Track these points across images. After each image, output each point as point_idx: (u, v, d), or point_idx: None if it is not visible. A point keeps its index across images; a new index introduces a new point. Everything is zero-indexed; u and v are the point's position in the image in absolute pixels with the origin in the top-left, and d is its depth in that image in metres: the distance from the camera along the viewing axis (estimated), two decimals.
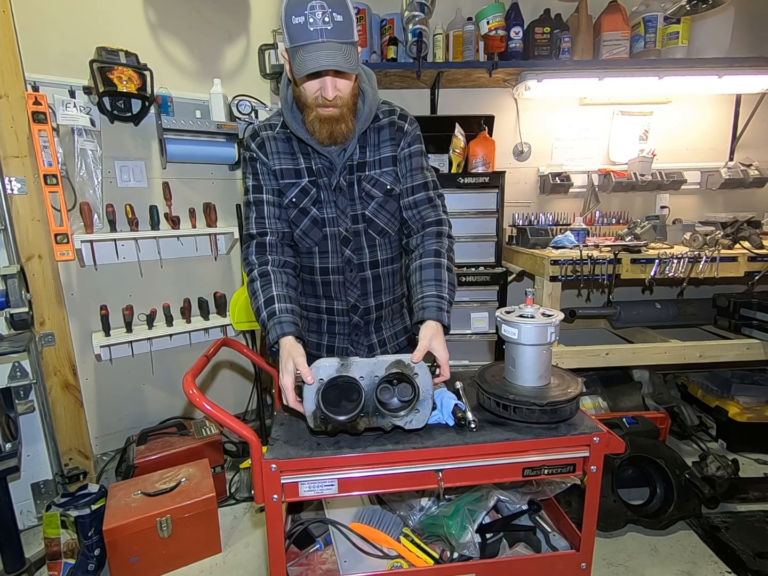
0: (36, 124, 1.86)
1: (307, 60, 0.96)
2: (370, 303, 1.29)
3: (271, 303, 1.13)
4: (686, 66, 2.39)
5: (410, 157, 1.23)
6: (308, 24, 0.94)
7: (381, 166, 1.21)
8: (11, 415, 1.79)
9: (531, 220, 2.67)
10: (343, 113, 1.08)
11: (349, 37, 0.98)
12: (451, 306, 1.14)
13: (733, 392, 2.46)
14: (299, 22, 0.94)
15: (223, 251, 2.57)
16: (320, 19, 0.93)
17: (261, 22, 2.49)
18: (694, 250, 2.05)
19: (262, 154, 1.19)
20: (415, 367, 1.00)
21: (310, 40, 0.95)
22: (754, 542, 1.72)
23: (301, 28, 0.94)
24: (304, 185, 1.19)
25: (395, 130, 1.21)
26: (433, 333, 1.06)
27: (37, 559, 1.77)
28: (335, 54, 0.96)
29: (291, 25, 0.95)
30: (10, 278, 1.74)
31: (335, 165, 1.18)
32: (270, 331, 1.11)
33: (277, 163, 1.19)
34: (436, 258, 1.18)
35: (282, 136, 1.19)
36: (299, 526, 1.21)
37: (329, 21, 0.94)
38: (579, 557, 1.08)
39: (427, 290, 1.13)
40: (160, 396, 2.46)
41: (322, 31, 0.94)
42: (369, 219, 1.23)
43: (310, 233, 1.22)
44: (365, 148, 1.21)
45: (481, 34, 2.37)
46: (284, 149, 1.19)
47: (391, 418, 0.99)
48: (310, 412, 0.98)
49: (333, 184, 1.19)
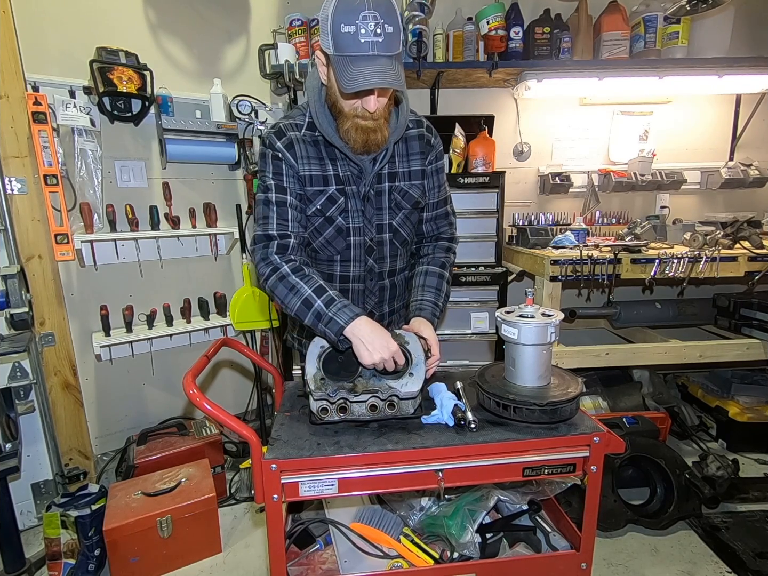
0: (36, 124, 1.86)
1: (357, 75, 0.92)
2: (384, 310, 1.33)
3: (323, 291, 1.07)
4: (686, 66, 2.39)
5: (437, 173, 1.27)
6: (359, 35, 0.90)
7: (411, 179, 1.22)
8: (11, 415, 1.80)
9: (531, 220, 2.67)
10: (380, 124, 1.07)
11: (397, 48, 0.95)
12: (442, 314, 1.27)
13: (733, 392, 2.46)
14: (349, 32, 0.90)
15: (223, 251, 2.57)
16: (372, 31, 0.90)
17: (261, 22, 2.49)
18: (694, 250, 2.05)
19: (291, 156, 1.13)
20: (405, 335, 1.11)
21: (361, 52, 0.91)
22: (755, 542, 1.72)
23: (350, 38, 0.90)
24: (332, 193, 1.16)
25: (425, 144, 1.22)
26: (422, 322, 1.17)
27: (37, 559, 1.77)
28: (387, 71, 0.92)
29: (339, 33, 0.91)
30: (10, 278, 1.74)
31: (365, 173, 1.16)
32: (335, 317, 1.03)
33: (306, 169, 1.14)
34: (441, 269, 1.29)
35: (309, 138, 1.15)
36: (299, 525, 1.22)
37: (381, 33, 0.90)
38: (579, 557, 1.08)
39: (427, 296, 1.24)
40: (160, 396, 2.46)
41: (373, 43, 0.90)
42: (395, 229, 1.24)
43: (334, 242, 1.20)
44: (394, 157, 1.20)
45: (481, 34, 2.37)
46: (313, 154, 1.15)
47: (387, 381, 1.05)
48: (311, 374, 1.05)
49: (362, 192, 1.17)
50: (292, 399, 1.25)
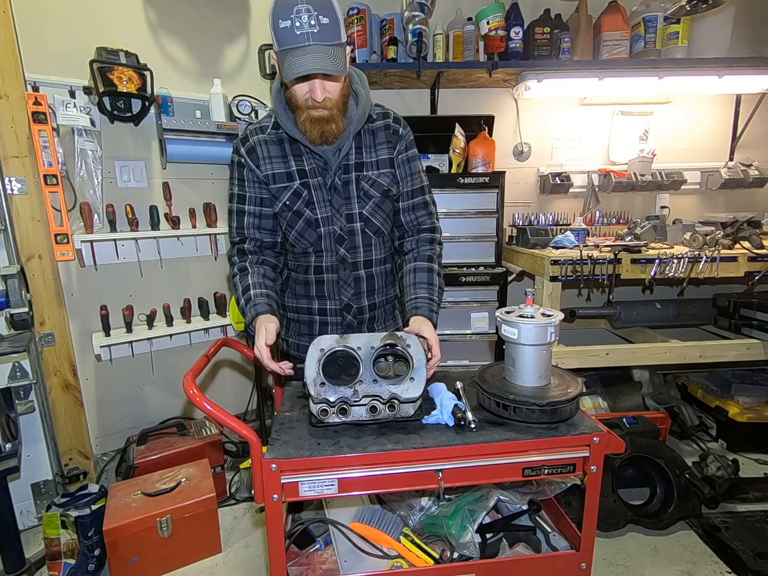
0: (36, 124, 1.86)
1: (294, 64, 0.97)
2: (363, 303, 1.33)
3: (247, 290, 1.20)
4: (686, 66, 2.39)
5: (408, 162, 1.27)
6: (294, 28, 0.95)
7: (379, 167, 1.24)
8: (11, 415, 1.80)
9: (531, 220, 2.67)
10: (333, 114, 1.10)
11: (337, 38, 0.99)
12: (439, 307, 1.25)
13: (733, 392, 2.46)
14: (286, 26, 0.95)
15: (223, 251, 2.57)
16: (306, 23, 0.94)
17: (261, 22, 2.49)
18: (694, 250, 2.05)
19: (251, 161, 1.20)
20: (407, 338, 1.07)
21: (297, 43, 0.96)
22: (755, 542, 1.72)
23: (287, 32, 0.96)
24: (296, 188, 1.21)
25: (391, 133, 1.24)
26: (422, 321, 1.16)
27: (37, 559, 1.77)
28: (322, 57, 0.97)
29: (278, 29, 0.96)
30: (10, 278, 1.74)
31: (330, 164, 1.19)
32: (246, 314, 1.18)
33: (269, 168, 1.21)
34: (429, 263, 1.28)
35: (274, 138, 1.21)
36: (299, 525, 1.21)
37: (315, 24, 0.95)
38: (579, 557, 1.08)
39: (420, 292, 1.23)
40: (160, 396, 2.46)
41: (308, 34, 0.95)
42: (366, 218, 1.25)
43: (305, 234, 1.25)
44: (361, 148, 1.23)
45: (481, 34, 2.37)
46: (275, 152, 1.21)
47: (388, 386, 1.03)
48: (311, 379, 1.03)
49: (328, 183, 1.21)
50: (292, 399, 1.25)
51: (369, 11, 2.33)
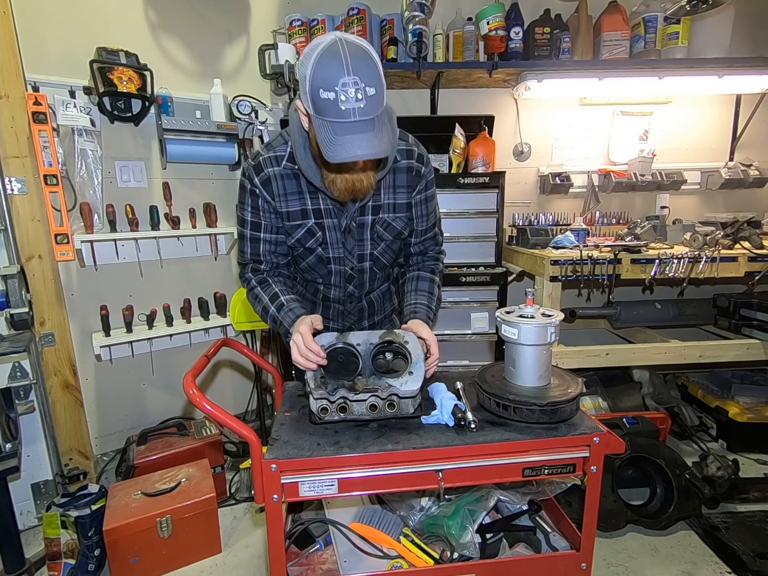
0: (36, 124, 1.86)
1: (338, 146, 0.88)
2: (364, 325, 1.40)
3: (276, 297, 1.17)
4: (686, 66, 2.39)
5: (426, 202, 1.25)
6: (339, 102, 0.85)
7: (395, 211, 1.20)
8: (11, 415, 1.79)
9: (531, 220, 2.67)
10: (367, 174, 1.03)
11: (381, 106, 0.89)
12: (435, 318, 1.27)
13: (733, 392, 2.46)
14: (328, 98, 0.85)
15: (223, 251, 2.57)
16: (353, 97, 0.84)
17: (261, 22, 2.49)
18: (694, 250, 2.05)
19: (267, 194, 1.13)
20: (405, 335, 1.12)
21: (341, 118, 0.86)
22: (755, 542, 1.72)
23: (330, 105, 0.85)
24: (310, 227, 1.17)
25: (413, 176, 1.19)
26: (419, 323, 1.16)
27: (37, 559, 1.77)
28: (370, 138, 0.88)
29: (318, 98, 0.86)
30: (10, 278, 1.74)
31: (347, 207, 1.15)
32: (283, 320, 1.14)
33: (284, 206, 1.15)
34: (432, 275, 1.31)
35: (289, 172, 1.13)
36: (299, 526, 1.21)
37: (362, 98, 0.85)
38: (579, 557, 1.08)
39: (420, 299, 1.25)
40: (160, 396, 2.46)
41: (354, 110, 0.85)
42: (376, 258, 1.26)
43: (316, 267, 1.25)
44: (379, 189, 1.17)
45: (481, 34, 2.37)
46: (291, 188, 1.14)
47: (387, 380, 1.05)
48: (311, 374, 1.05)
49: (342, 225, 1.17)
50: (292, 399, 1.25)
51: (369, 11, 2.33)
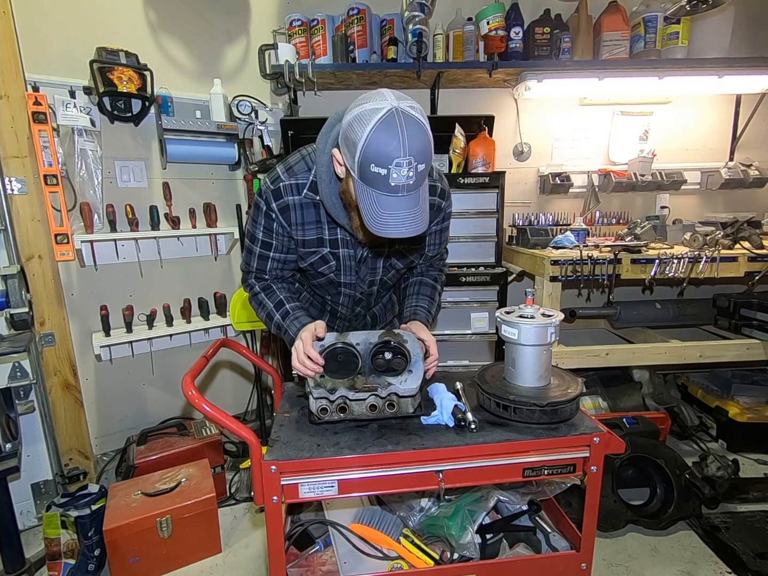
0: (36, 124, 1.86)
1: (385, 221, 0.88)
2: None
3: (282, 305, 1.19)
4: (686, 66, 2.39)
5: (440, 233, 1.29)
6: (390, 178, 0.84)
7: (411, 242, 1.19)
8: (11, 415, 1.80)
9: (531, 220, 2.67)
10: None
11: (426, 176, 0.91)
12: (433, 322, 1.31)
13: (733, 392, 2.46)
14: (378, 173, 0.84)
15: (223, 251, 2.57)
16: (405, 175, 0.84)
17: (261, 22, 2.49)
18: (694, 250, 2.05)
19: (284, 220, 1.12)
20: (404, 334, 1.14)
21: (389, 193, 0.87)
22: (755, 542, 1.72)
23: (379, 178, 0.85)
24: (325, 255, 1.17)
25: (434, 211, 1.18)
26: (418, 325, 1.19)
27: (37, 559, 1.77)
28: (415, 214, 0.89)
29: (367, 169, 0.85)
30: (10, 278, 1.74)
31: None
32: (288, 328, 1.16)
33: (300, 234, 1.14)
34: (434, 282, 1.35)
35: (309, 201, 1.11)
36: (299, 527, 1.21)
37: (413, 175, 0.85)
38: (579, 557, 1.08)
39: (421, 302, 1.29)
40: (160, 396, 2.46)
41: (404, 186, 0.86)
42: (384, 281, 1.29)
43: (326, 287, 1.27)
44: None
45: (481, 34, 2.37)
46: (309, 218, 1.12)
47: (386, 378, 1.06)
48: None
49: (358, 256, 1.18)
50: (291, 400, 1.25)
51: (369, 11, 2.33)
